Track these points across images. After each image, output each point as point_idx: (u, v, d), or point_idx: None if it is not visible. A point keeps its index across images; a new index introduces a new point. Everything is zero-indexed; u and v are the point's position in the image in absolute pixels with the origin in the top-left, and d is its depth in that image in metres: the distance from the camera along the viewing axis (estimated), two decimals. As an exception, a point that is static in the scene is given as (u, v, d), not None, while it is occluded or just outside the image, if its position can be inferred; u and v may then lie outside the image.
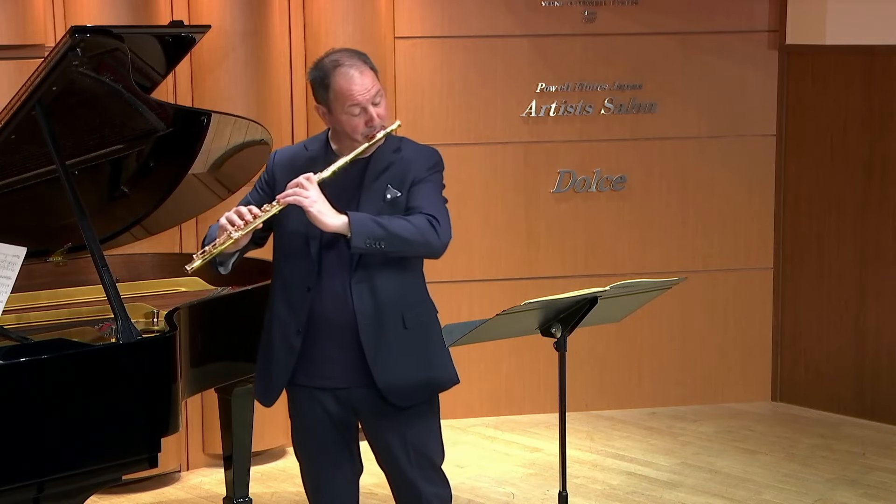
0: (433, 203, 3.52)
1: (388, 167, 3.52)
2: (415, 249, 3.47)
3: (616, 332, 5.95)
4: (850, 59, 5.91)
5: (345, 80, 3.45)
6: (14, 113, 3.58)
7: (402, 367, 3.52)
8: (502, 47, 5.93)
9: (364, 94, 3.45)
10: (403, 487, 3.66)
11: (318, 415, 3.60)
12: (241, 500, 4.64)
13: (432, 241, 3.47)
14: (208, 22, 5.00)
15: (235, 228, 3.43)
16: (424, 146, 3.65)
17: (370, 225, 3.38)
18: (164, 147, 4.25)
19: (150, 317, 3.90)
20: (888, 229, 5.90)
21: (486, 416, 6.13)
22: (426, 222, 3.46)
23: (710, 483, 5.24)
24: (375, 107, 3.47)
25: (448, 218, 3.55)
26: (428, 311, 3.63)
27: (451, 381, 3.68)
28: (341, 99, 3.45)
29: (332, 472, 3.67)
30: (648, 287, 3.66)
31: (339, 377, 3.54)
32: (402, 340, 3.52)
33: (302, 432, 3.68)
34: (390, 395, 3.52)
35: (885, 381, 5.97)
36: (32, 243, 3.86)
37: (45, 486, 3.38)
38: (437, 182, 3.60)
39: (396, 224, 3.42)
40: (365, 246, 3.37)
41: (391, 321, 3.51)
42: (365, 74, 3.47)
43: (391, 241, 3.40)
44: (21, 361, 3.37)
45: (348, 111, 3.45)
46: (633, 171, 6.10)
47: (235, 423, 4.52)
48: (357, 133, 3.47)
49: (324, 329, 3.52)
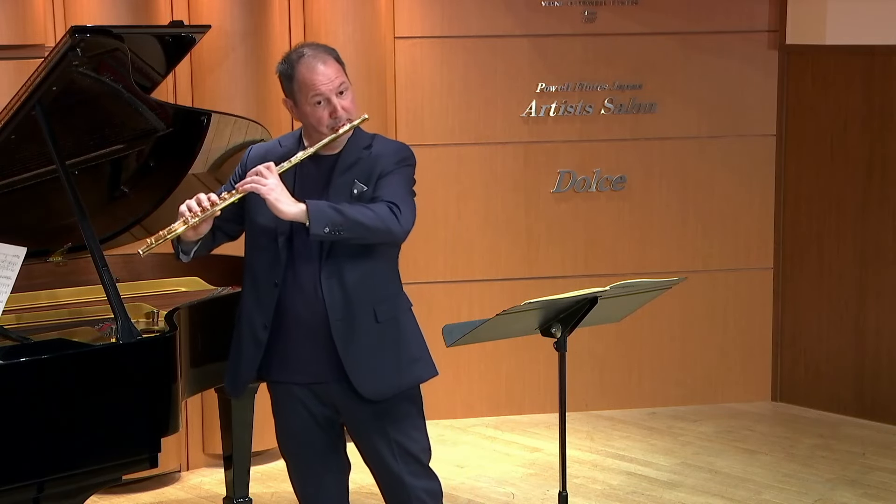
0: (397, 192, 3.49)
1: (356, 163, 3.52)
2: (375, 236, 3.44)
3: (616, 332, 5.96)
4: (850, 59, 5.91)
5: (308, 70, 3.47)
6: (14, 113, 3.58)
7: (374, 361, 3.52)
8: (502, 47, 5.93)
9: (327, 84, 3.46)
10: (390, 484, 3.65)
11: (300, 413, 3.61)
12: (241, 500, 4.63)
13: (393, 227, 3.44)
14: (208, 22, 5.00)
15: (192, 215, 3.43)
16: (396, 142, 3.66)
17: (328, 212, 3.37)
18: (164, 147, 4.25)
19: (150, 317, 3.90)
20: (888, 229, 5.90)
21: (486, 416, 6.13)
22: (387, 209, 3.44)
23: (710, 483, 5.24)
24: (340, 98, 3.48)
25: (411, 206, 3.52)
26: (401, 304, 3.61)
27: (427, 374, 3.65)
28: (305, 90, 3.47)
29: (319, 471, 3.68)
30: (648, 287, 3.66)
31: (314, 372, 3.55)
32: (374, 335, 3.52)
33: (285, 432, 3.69)
34: (364, 389, 3.51)
35: (885, 381, 5.97)
36: (32, 243, 3.86)
37: (45, 486, 3.38)
38: (406, 175, 3.56)
39: (355, 210, 3.40)
40: (324, 233, 3.36)
41: (362, 315, 3.50)
42: (328, 65, 3.48)
43: (350, 228, 3.38)
44: (21, 361, 3.37)
45: (312, 102, 3.47)
46: (633, 171, 6.10)
47: (235, 423, 4.52)
48: (322, 125, 3.48)
49: (295, 325, 3.53)
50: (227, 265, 4.57)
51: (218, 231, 3.64)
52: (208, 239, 3.62)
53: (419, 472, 3.65)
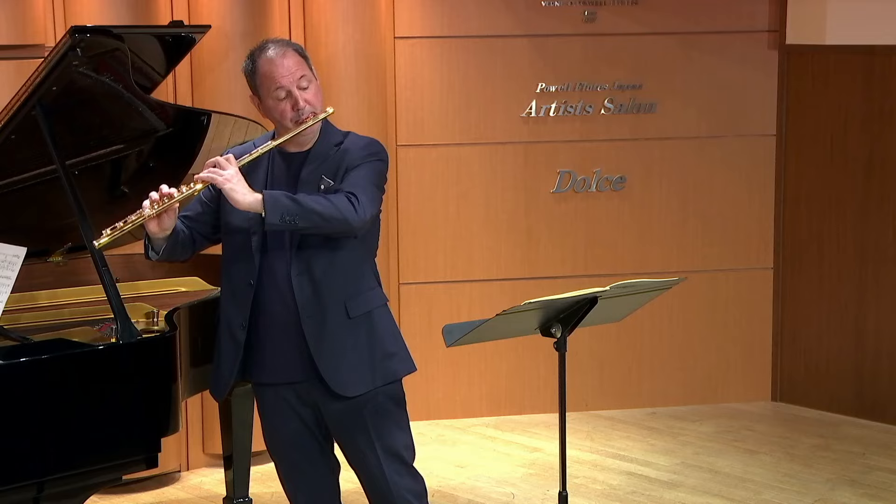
0: (359, 183, 3.47)
1: (325, 160, 3.53)
2: (331, 225, 3.41)
3: (616, 332, 5.96)
4: (850, 59, 5.91)
5: (268, 63, 3.48)
6: (14, 113, 3.58)
7: (346, 357, 3.51)
8: (502, 47, 5.93)
9: (287, 76, 3.46)
10: (374, 484, 3.64)
11: (286, 415, 3.61)
12: (241, 500, 4.63)
13: (349, 216, 3.39)
14: (208, 22, 5.00)
15: (151, 207, 3.42)
16: (368, 138, 3.63)
17: (283, 201, 3.36)
18: (164, 147, 4.25)
19: (150, 317, 3.90)
20: (888, 229, 5.90)
21: (486, 416, 6.13)
22: (345, 199, 3.41)
23: (710, 483, 5.24)
24: (302, 91, 3.48)
25: (372, 197, 3.47)
26: (374, 299, 3.59)
27: (404, 370, 3.64)
28: (266, 83, 3.48)
29: (308, 472, 3.68)
30: (648, 287, 3.66)
31: (293, 371, 3.55)
32: (345, 330, 3.51)
33: (273, 434, 3.69)
34: (336, 386, 3.51)
35: (885, 381, 5.97)
36: (32, 243, 3.86)
37: (45, 486, 3.38)
38: (373, 169, 3.53)
39: (311, 200, 3.39)
40: (280, 222, 3.35)
41: (333, 312, 3.50)
42: (288, 57, 3.49)
43: (306, 217, 3.36)
44: (21, 361, 3.37)
45: (274, 95, 3.48)
46: (633, 171, 6.10)
47: (235, 423, 4.51)
48: (286, 119, 3.49)
49: (271, 324, 3.53)
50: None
51: (194, 231, 3.63)
52: (186, 240, 3.60)
53: (402, 471, 3.64)
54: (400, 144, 5.85)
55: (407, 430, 3.67)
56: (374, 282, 3.62)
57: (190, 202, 3.65)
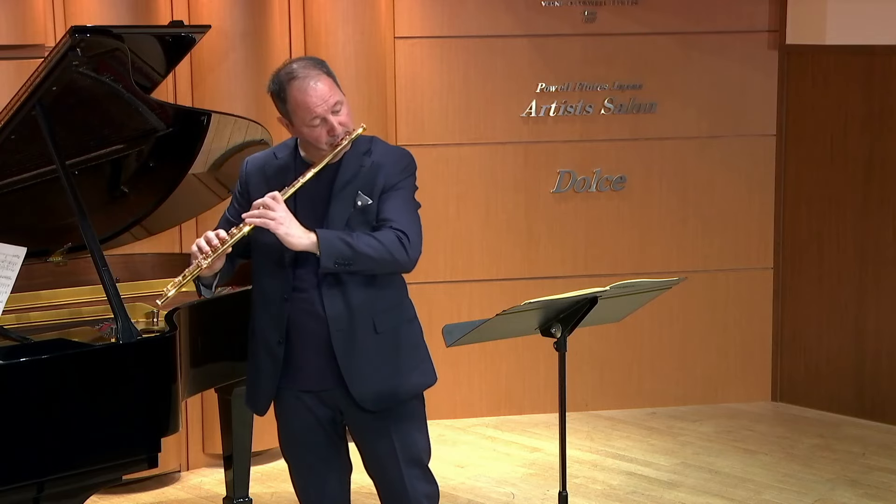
0: (404, 216, 3.48)
1: (357, 173, 3.49)
2: (382, 268, 3.46)
3: (616, 332, 5.96)
4: (850, 59, 5.91)
5: (300, 92, 3.41)
6: (14, 113, 3.58)
7: (372, 372, 3.51)
8: (502, 47, 5.93)
9: (321, 105, 3.41)
10: (390, 488, 3.64)
11: (303, 415, 3.61)
12: (241, 500, 4.64)
13: (400, 258, 3.44)
14: (208, 22, 5.00)
15: (204, 256, 3.41)
16: (396, 148, 3.62)
17: (338, 245, 3.37)
18: (164, 147, 4.25)
19: (150, 317, 3.90)
20: (888, 229, 5.90)
21: (486, 416, 6.13)
22: (395, 239, 3.43)
23: (710, 483, 5.24)
24: (336, 115, 3.43)
25: (419, 231, 3.50)
26: (402, 314, 3.60)
27: (426, 384, 3.65)
28: (300, 112, 3.42)
29: (321, 472, 3.67)
30: (648, 287, 3.66)
31: (320, 380, 3.54)
32: (373, 345, 3.51)
33: (288, 433, 3.68)
34: (361, 399, 3.52)
35: (885, 381, 5.97)
36: (32, 243, 3.86)
37: (45, 486, 3.38)
38: (409, 188, 3.55)
39: (364, 243, 3.40)
40: (333, 266, 3.38)
41: (363, 327, 3.50)
42: (321, 83, 3.42)
43: (359, 261, 3.40)
44: (21, 361, 3.37)
45: (309, 124, 3.42)
46: (633, 171, 6.10)
47: (235, 423, 4.52)
48: (321, 143, 3.45)
49: (301, 335, 3.52)
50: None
51: (234, 256, 3.61)
52: (227, 267, 3.60)
53: (420, 475, 3.65)
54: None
55: (426, 434, 3.68)
56: (403, 294, 3.63)
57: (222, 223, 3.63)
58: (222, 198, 4.72)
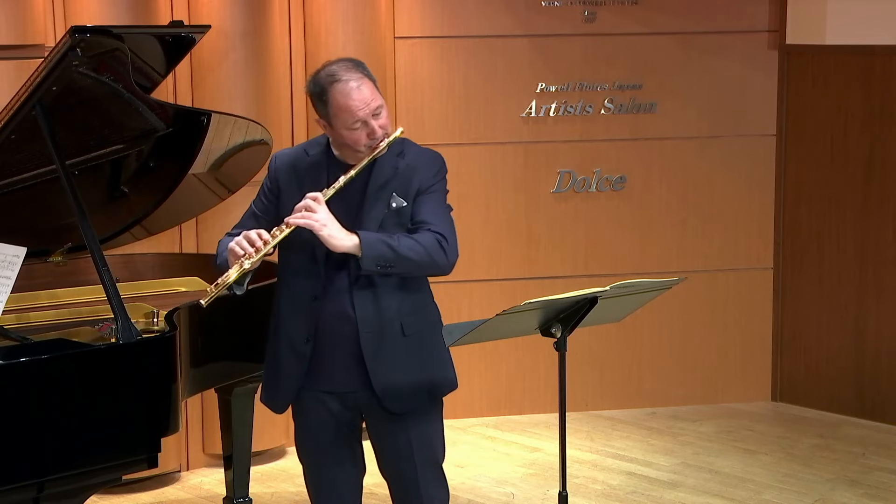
0: (441, 219, 3.51)
1: (391, 174, 3.49)
2: (422, 270, 3.48)
3: (616, 332, 5.95)
4: (850, 59, 5.91)
5: (343, 96, 3.40)
6: (14, 113, 3.58)
7: (399, 374, 3.52)
8: (502, 47, 5.93)
9: (364, 108, 3.40)
10: (405, 489, 3.65)
11: (321, 415, 3.59)
12: (241, 500, 4.64)
13: (440, 261, 3.47)
14: (208, 22, 5.00)
15: (247, 257, 3.39)
16: (427, 150, 3.62)
17: (380, 247, 3.37)
18: (164, 147, 4.25)
19: (150, 317, 3.90)
20: (888, 229, 5.90)
21: (486, 416, 6.12)
22: (435, 242, 3.45)
23: (710, 483, 5.24)
24: (376, 119, 3.42)
25: (455, 233, 3.53)
26: (428, 316, 3.61)
27: (448, 388, 3.68)
28: (341, 115, 3.41)
29: (335, 472, 3.66)
30: (648, 287, 3.66)
31: (345, 382, 3.53)
32: (400, 348, 3.51)
33: (305, 432, 3.66)
34: (387, 401, 3.52)
35: (885, 381, 5.97)
36: (32, 243, 3.86)
37: (45, 486, 3.38)
38: (443, 190, 3.58)
39: (406, 246, 3.41)
40: (375, 268, 3.38)
41: (391, 329, 3.50)
42: (363, 87, 3.42)
43: (400, 264, 3.40)
44: (21, 361, 3.37)
45: (350, 127, 3.41)
46: (633, 171, 6.10)
47: (235, 423, 4.52)
48: (360, 145, 3.44)
49: (329, 336, 3.51)
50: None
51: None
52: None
53: (435, 478, 3.67)
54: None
55: (443, 435, 3.71)
56: (429, 298, 3.64)
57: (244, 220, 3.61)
58: (222, 198, 4.72)
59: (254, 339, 4.02)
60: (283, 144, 5.44)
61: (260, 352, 3.73)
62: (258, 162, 4.64)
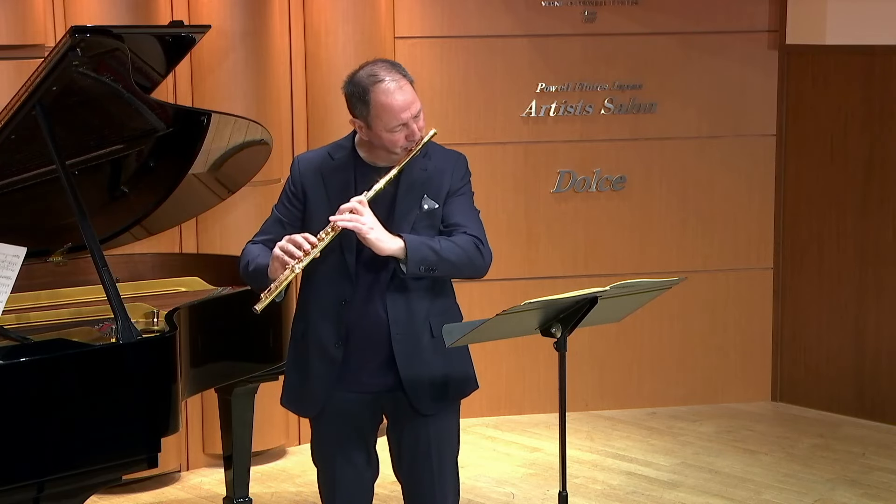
0: (474, 221, 3.55)
1: (421, 176, 3.49)
2: (461, 273, 3.50)
3: (616, 332, 5.96)
4: (850, 59, 5.91)
5: (386, 97, 3.39)
6: (14, 113, 3.58)
7: (430, 375, 3.52)
8: (502, 47, 5.93)
9: (407, 111, 3.39)
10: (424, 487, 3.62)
11: (343, 417, 3.57)
12: (241, 500, 4.64)
13: (479, 264, 3.51)
14: (208, 22, 5.00)
15: (297, 261, 3.35)
16: (451, 151, 3.62)
17: (424, 251, 3.38)
18: (164, 147, 4.25)
19: (150, 317, 3.90)
20: (888, 229, 5.90)
21: (486, 416, 6.12)
22: (473, 245, 3.50)
23: (710, 483, 5.24)
24: (416, 121, 3.42)
25: (486, 235, 3.58)
26: (454, 318, 3.60)
27: (471, 388, 3.67)
28: (384, 117, 3.39)
29: (349, 473, 3.64)
30: (648, 287, 3.66)
31: (373, 384, 3.52)
32: (430, 350, 3.52)
33: (324, 434, 3.63)
34: (417, 401, 3.51)
35: (885, 381, 5.97)
36: (32, 243, 3.86)
37: (45, 486, 3.38)
38: (470, 191, 3.61)
39: (447, 249, 3.43)
40: (418, 271, 3.39)
41: (421, 331, 3.50)
42: (405, 90, 3.41)
43: (442, 266, 3.42)
44: (21, 361, 3.37)
45: (391, 129, 3.39)
46: (633, 171, 6.10)
47: (235, 423, 4.52)
48: (397, 147, 3.42)
49: (359, 339, 3.50)
50: (226, 265, 4.57)
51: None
52: None
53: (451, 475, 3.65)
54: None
55: (459, 433, 3.69)
56: (454, 299, 3.65)
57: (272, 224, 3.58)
58: (222, 198, 4.72)
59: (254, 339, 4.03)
60: (283, 144, 5.45)
61: (260, 352, 3.73)
62: (258, 162, 4.64)
